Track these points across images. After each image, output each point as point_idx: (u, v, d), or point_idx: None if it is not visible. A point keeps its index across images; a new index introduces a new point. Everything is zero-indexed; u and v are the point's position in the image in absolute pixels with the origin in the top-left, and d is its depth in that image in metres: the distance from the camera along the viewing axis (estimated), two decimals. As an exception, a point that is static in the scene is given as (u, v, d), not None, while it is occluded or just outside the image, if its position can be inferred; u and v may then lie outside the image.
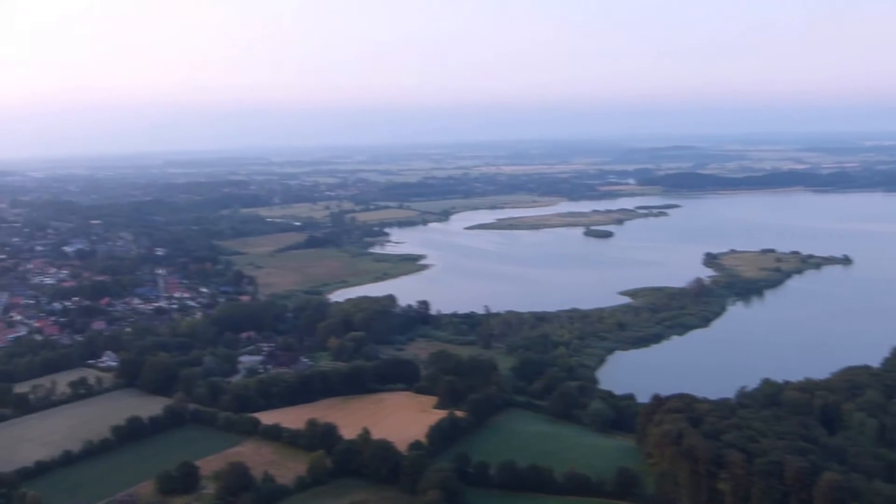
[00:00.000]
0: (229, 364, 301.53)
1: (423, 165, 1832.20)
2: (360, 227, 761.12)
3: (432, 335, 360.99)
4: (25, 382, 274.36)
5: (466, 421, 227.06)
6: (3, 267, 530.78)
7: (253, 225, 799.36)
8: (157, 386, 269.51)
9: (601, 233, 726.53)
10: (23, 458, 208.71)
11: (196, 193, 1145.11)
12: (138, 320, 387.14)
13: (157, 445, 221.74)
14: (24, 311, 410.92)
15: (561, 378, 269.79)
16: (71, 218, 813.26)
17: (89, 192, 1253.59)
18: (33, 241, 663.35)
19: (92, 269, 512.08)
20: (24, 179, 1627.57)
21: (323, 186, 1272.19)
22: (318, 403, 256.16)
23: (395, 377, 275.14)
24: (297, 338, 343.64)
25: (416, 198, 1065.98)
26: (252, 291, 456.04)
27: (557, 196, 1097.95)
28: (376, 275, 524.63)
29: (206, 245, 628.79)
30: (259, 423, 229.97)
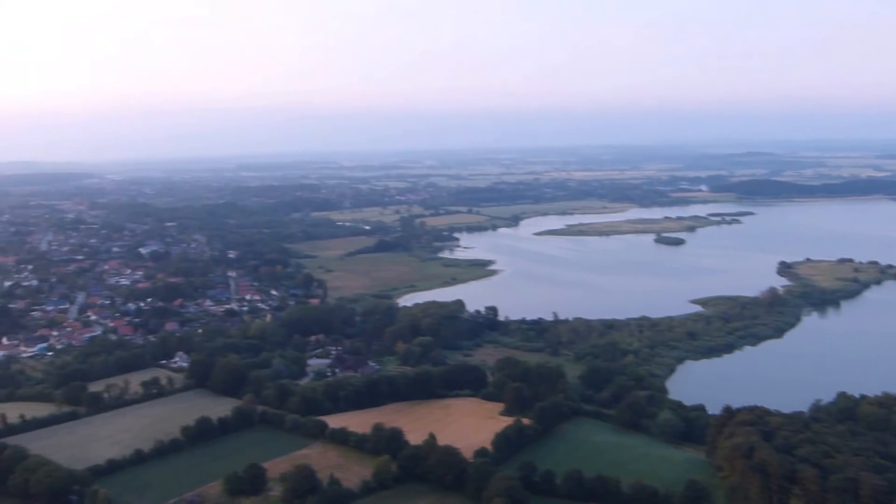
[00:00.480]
0: (298, 367, 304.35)
1: (492, 170, 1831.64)
2: (430, 232, 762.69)
3: (500, 341, 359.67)
4: (100, 381, 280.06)
5: (533, 429, 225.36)
6: (81, 268, 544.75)
7: (323, 228, 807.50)
8: (226, 387, 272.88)
9: (672, 240, 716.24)
10: (95, 455, 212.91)
11: (268, 197, 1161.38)
12: (209, 322, 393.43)
13: (226, 446, 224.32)
14: (99, 311, 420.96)
15: (629, 387, 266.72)
16: (146, 220, 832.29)
17: (165, 194, 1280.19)
18: (110, 242, 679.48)
19: (166, 271, 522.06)
20: (102, 182, 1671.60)
21: (393, 191, 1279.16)
22: (384, 408, 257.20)
23: (461, 383, 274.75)
24: (365, 342, 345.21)
25: (486, 203, 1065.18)
26: (321, 295, 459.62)
27: (628, 202, 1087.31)
28: (445, 279, 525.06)
29: (277, 248, 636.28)
30: (326, 427, 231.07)
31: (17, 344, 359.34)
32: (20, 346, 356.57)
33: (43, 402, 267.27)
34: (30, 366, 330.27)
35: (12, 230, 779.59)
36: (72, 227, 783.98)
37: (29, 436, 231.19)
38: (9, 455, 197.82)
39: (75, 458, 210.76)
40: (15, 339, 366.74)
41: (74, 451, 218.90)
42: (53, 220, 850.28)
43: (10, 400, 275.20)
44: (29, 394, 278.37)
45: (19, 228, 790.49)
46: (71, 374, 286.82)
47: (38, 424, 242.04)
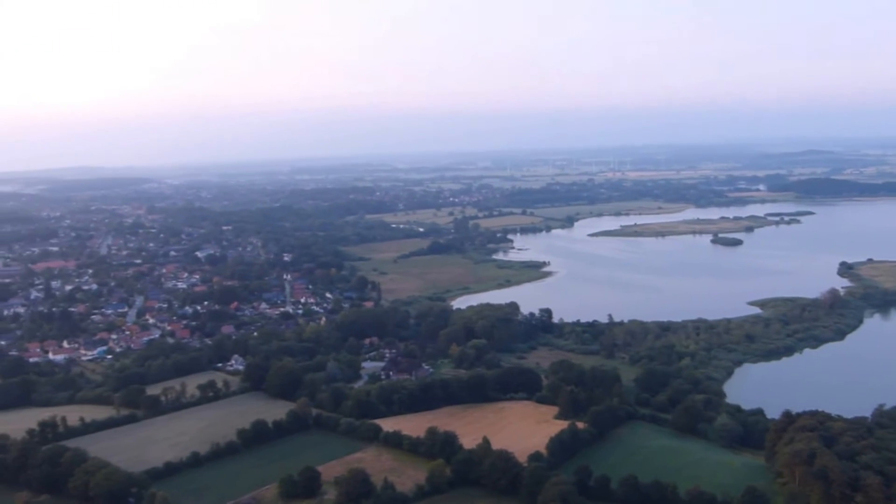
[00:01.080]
0: (352, 370, 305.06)
1: (547, 171, 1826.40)
2: (484, 234, 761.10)
3: (554, 344, 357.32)
4: (157, 384, 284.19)
5: (588, 433, 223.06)
6: (139, 272, 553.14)
7: (377, 231, 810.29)
8: (281, 390, 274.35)
9: (729, 240, 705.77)
10: (153, 458, 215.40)
11: (323, 200, 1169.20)
12: (265, 325, 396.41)
13: (281, 449, 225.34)
14: (157, 315, 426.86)
15: (686, 391, 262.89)
16: (203, 224, 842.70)
17: (221, 198, 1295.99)
18: (168, 246, 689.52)
19: (222, 274, 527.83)
20: (160, 186, 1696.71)
21: (447, 192, 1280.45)
22: (438, 411, 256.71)
23: (516, 386, 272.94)
24: (419, 344, 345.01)
25: (540, 204, 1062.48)
26: (375, 297, 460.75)
27: (684, 202, 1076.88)
28: (499, 281, 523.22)
29: (331, 251, 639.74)
30: (380, 430, 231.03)
31: (78, 347, 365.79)
32: (80, 350, 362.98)
33: (102, 405, 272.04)
34: (90, 369, 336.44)
35: (73, 235, 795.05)
36: (131, 232, 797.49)
37: (88, 438, 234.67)
38: (69, 457, 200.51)
39: (133, 460, 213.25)
40: (75, 342, 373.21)
41: (132, 453, 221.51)
42: (113, 225, 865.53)
43: (70, 403, 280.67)
44: (89, 397, 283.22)
45: (80, 233, 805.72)
46: (129, 378, 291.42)
47: (98, 427, 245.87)
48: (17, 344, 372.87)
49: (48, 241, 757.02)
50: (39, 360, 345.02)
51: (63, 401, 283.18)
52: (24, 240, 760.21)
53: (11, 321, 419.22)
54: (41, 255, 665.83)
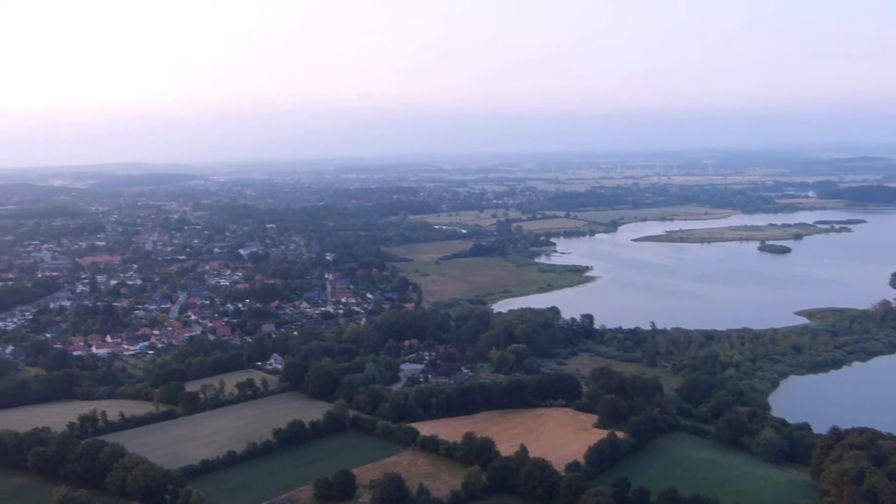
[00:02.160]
0: (391, 371, 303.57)
1: (591, 174, 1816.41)
2: (526, 237, 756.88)
3: (595, 350, 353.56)
4: (196, 381, 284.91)
5: (627, 443, 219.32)
6: (183, 268, 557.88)
7: (420, 232, 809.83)
8: (319, 391, 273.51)
9: (777, 248, 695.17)
10: (190, 455, 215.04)
11: (366, 199, 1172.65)
12: (305, 324, 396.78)
13: (317, 451, 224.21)
14: (199, 312, 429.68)
15: (730, 402, 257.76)
16: (247, 221, 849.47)
17: (266, 196, 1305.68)
18: (212, 243, 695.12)
19: (264, 272, 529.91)
20: (206, 183, 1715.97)
21: (490, 194, 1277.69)
22: (476, 416, 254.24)
23: (555, 392, 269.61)
24: (459, 348, 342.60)
25: (584, 207, 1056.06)
26: (416, 299, 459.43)
27: (731, 208, 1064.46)
28: (541, 285, 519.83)
29: (373, 251, 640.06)
30: (417, 434, 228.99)
31: (120, 342, 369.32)
32: (123, 344, 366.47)
33: (142, 401, 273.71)
34: (131, 363, 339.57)
35: (120, 230, 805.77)
36: (176, 228, 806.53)
37: (127, 434, 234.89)
38: (107, 453, 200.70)
39: (170, 457, 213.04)
40: (118, 336, 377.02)
41: (170, 450, 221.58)
42: (159, 221, 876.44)
43: (111, 397, 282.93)
44: (129, 392, 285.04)
45: (127, 228, 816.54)
46: (169, 374, 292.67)
47: (137, 423, 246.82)
48: (62, 337, 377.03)
49: (95, 235, 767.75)
50: (83, 353, 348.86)
51: (104, 395, 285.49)
52: (72, 234, 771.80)
53: (57, 314, 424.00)
54: (88, 249, 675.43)
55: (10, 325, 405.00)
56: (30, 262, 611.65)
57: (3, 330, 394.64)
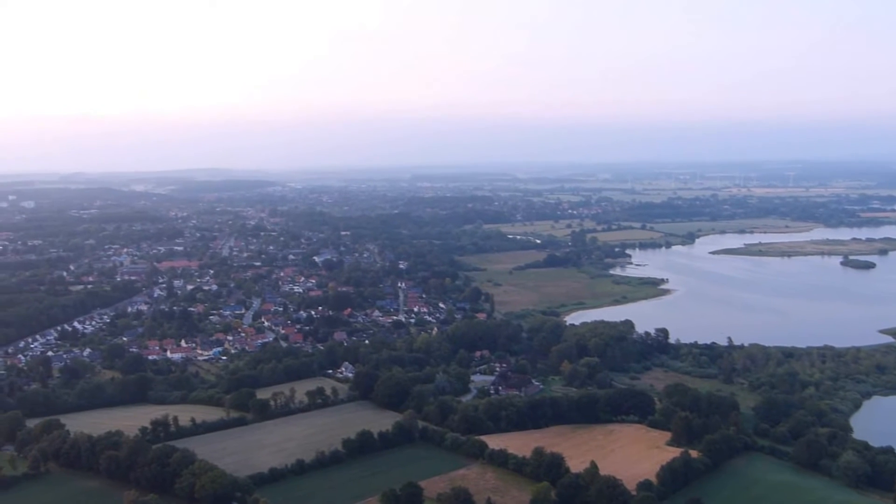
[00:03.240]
0: (461, 383, 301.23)
1: (669, 185, 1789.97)
2: (601, 248, 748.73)
3: (670, 365, 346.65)
4: (267, 388, 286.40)
5: (701, 462, 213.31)
6: (258, 274, 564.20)
7: (494, 241, 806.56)
8: (389, 401, 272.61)
9: (861, 263, 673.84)
10: (259, 463, 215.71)
11: (441, 208, 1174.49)
12: (377, 333, 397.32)
13: (385, 461, 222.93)
14: (272, 318, 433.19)
15: (809, 423, 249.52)
16: (323, 228, 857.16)
17: (342, 203, 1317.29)
18: (287, 249, 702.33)
19: (338, 280, 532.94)
20: (283, 190, 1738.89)
21: (566, 204, 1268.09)
22: (546, 430, 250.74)
23: (627, 408, 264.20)
24: (530, 360, 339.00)
25: (661, 219, 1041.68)
26: (488, 309, 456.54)
27: (812, 222, 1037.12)
28: (615, 297, 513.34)
29: (447, 260, 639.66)
30: (486, 447, 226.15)
31: (195, 347, 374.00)
32: (197, 349, 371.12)
33: (213, 406, 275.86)
34: (204, 369, 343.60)
35: (198, 235, 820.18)
36: (252, 234, 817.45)
37: (198, 439, 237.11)
38: (177, 458, 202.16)
39: (239, 464, 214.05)
40: (192, 341, 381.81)
41: (239, 457, 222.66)
42: (236, 227, 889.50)
43: (183, 402, 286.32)
44: (201, 397, 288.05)
45: (204, 234, 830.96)
46: (241, 380, 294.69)
47: (207, 429, 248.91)
48: (138, 341, 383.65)
49: (174, 240, 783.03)
50: (157, 357, 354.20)
51: (176, 400, 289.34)
52: (151, 238, 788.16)
53: (134, 318, 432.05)
54: (166, 254, 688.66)
55: (89, 329, 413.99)
56: (109, 265, 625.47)
57: (81, 333, 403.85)
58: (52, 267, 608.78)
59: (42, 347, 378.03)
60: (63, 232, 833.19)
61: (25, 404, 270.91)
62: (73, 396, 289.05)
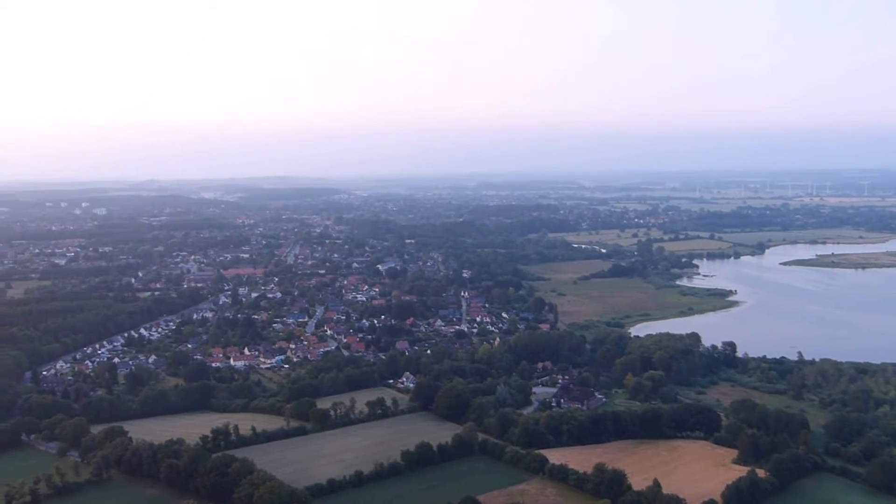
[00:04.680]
0: (522, 395, 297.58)
1: (738, 194, 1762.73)
2: (668, 258, 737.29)
3: (737, 380, 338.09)
4: (328, 398, 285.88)
5: (769, 482, 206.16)
6: (322, 282, 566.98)
7: (558, 250, 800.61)
8: (449, 412, 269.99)
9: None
10: (317, 474, 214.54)
11: (506, 216, 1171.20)
12: (439, 342, 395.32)
13: (444, 474, 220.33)
14: (335, 327, 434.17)
15: (884, 443, 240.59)
16: (387, 237, 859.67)
17: (407, 211, 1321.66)
18: (351, 257, 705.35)
19: (401, 289, 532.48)
20: (350, 198, 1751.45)
21: (632, 213, 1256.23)
22: (608, 445, 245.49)
23: (692, 424, 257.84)
24: (594, 372, 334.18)
25: (729, 228, 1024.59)
26: (552, 320, 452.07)
27: (889, 232, 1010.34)
28: (681, 309, 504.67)
29: (510, 269, 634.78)
30: (546, 462, 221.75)
31: (258, 355, 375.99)
32: (260, 357, 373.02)
33: (274, 415, 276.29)
34: (267, 377, 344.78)
35: (264, 243, 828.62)
36: (317, 242, 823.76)
37: (258, 448, 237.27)
38: (236, 468, 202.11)
39: (298, 474, 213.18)
40: (256, 349, 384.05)
41: (298, 467, 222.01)
42: (301, 234, 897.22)
43: (244, 410, 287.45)
44: (262, 406, 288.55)
45: (270, 241, 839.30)
46: (302, 389, 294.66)
47: (268, 438, 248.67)
48: (202, 348, 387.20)
49: (241, 248, 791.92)
50: (221, 365, 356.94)
51: (238, 408, 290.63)
52: (218, 245, 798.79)
53: (199, 325, 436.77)
54: (232, 261, 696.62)
55: (155, 335, 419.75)
56: (177, 272, 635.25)
57: (147, 339, 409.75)
58: (121, 273, 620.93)
59: (109, 354, 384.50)
60: (133, 239, 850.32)
61: (90, 410, 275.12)
62: (137, 403, 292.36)
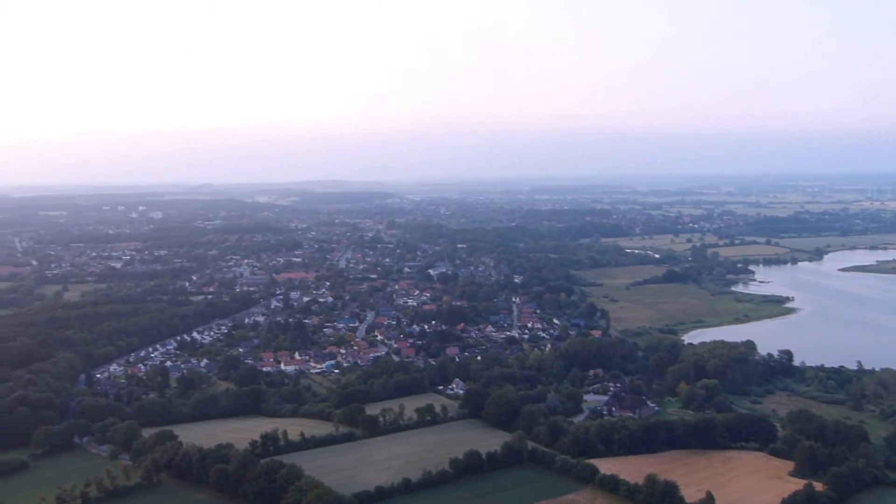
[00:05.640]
0: (573, 403, 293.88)
1: (796, 198, 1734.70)
2: (723, 263, 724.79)
3: (794, 389, 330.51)
4: (377, 404, 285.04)
5: (826, 496, 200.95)
6: (373, 287, 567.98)
7: (611, 255, 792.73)
8: (498, 419, 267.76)
9: None
10: (365, 481, 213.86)
11: (558, 221, 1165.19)
12: (489, 348, 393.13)
13: (492, 483, 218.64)
14: (385, 332, 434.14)
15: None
16: (439, 241, 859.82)
17: (459, 215, 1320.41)
18: (403, 262, 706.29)
19: (452, 294, 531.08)
20: (402, 202, 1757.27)
21: (686, 218, 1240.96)
22: (661, 455, 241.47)
23: (747, 435, 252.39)
24: (646, 380, 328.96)
25: (786, 234, 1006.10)
26: (603, 326, 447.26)
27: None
28: (736, 316, 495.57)
29: (562, 274, 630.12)
30: (597, 472, 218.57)
31: (308, 359, 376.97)
32: (310, 362, 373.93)
33: (323, 421, 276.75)
34: (317, 381, 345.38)
35: (316, 247, 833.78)
36: (370, 246, 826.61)
37: (306, 454, 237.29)
38: (284, 474, 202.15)
39: (346, 481, 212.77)
40: (306, 354, 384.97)
41: (346, 473, 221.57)
42: (354, 238, 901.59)
43: (294, 415, 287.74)
44: (311, 411, 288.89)
45: (322, 245, 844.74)
46: (352, 395, 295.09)
47: (316, 443, 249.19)
48: (254, 352, 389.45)
49: (293, 251, 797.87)
50: (271, 369, 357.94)
51: (288, 413, 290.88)
52: (271, 249, 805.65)
53: (251, 329, 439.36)
54: (285, 265, 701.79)
55: (207, 339, 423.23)
56: (230, 276, 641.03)
57: (200, 343, 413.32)
58: (175, 277, 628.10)
59: (161, 357, 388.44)
60: (188, 242, 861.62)
61: (142, 414, 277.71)
62: (189, 407, 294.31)
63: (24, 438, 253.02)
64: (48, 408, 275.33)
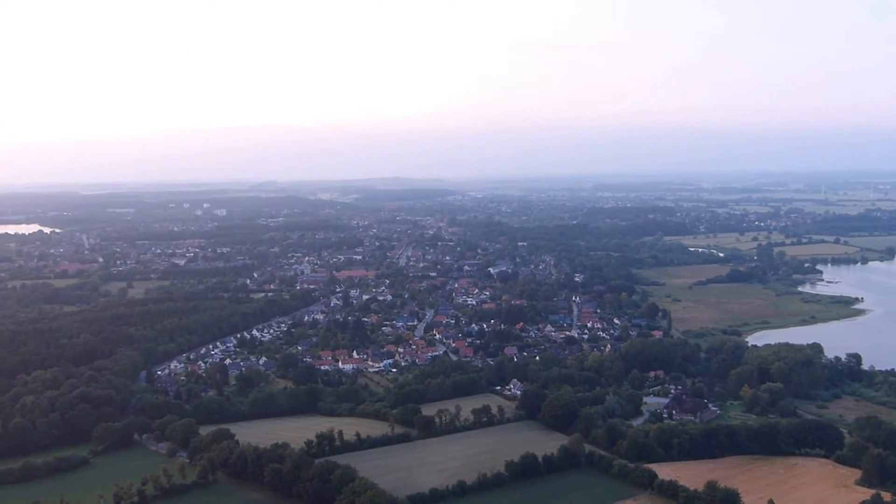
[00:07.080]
0: (632, 405, 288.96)
1: (867, 196, 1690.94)
2: (789, 263, 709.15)
3: (862, 394, 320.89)
4: (433, 404, 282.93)
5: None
6: (433, 285, 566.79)
7: (674, 254, 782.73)
8: (556, 422, 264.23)
9: None
10: (420, 482, 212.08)
11: (621, 218, 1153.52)
12: (548, 348, 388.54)
13: (548, 487, 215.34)
14: (444, 331, 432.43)
15: None
16: (500, 239, 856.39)
17: (520, 213, 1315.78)
18: (463, 260, 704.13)
19: (511, 292, 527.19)
20: (464, 199, 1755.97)
21: (752, 216, 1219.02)
22: (722, 461, 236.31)
23: (812, 441, 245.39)
24: (708, 382, 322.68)
25: (857, 232, 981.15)
26: (665, 327, 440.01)
27: None
28: (802, 317, 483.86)
29: (623, 273, 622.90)
30: (655, 477, 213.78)
31: (366, 358, 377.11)
32: (368, 361, 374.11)
33: (379, 421, 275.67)
34: (374, 381, 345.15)
35: (377, 244, 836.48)
36: (430, 244, 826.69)
37: (361, 455, 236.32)
38: (338, 475, 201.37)
39: (400, 482, 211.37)
40: (364, 352, 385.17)
41: (400, 475, 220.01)
42: (414, 236, 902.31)
43: (350, 415, 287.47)
44: (367, 411, 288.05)
45: (383, 243, 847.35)
46: (408, 395, 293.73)
47: (371, 444, 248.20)
48: (312, 351, 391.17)
49: (354, 249, 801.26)
50: (329, 368, 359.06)
51: (344, 412, 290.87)
52: (332, 247, 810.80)
53: (310, 328, 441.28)
54: (345, 262, 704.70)
55: (266, 337, 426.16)
56: (290, 274, 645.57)
57: (259, 341, 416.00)
58: (237, 274, 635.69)
59: (221, 354, 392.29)
60: (250, 240, 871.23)
61: (201, 411, 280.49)
62: (246, 405, 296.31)
63: (85, 435, 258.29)
64: (109, 404, 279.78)
